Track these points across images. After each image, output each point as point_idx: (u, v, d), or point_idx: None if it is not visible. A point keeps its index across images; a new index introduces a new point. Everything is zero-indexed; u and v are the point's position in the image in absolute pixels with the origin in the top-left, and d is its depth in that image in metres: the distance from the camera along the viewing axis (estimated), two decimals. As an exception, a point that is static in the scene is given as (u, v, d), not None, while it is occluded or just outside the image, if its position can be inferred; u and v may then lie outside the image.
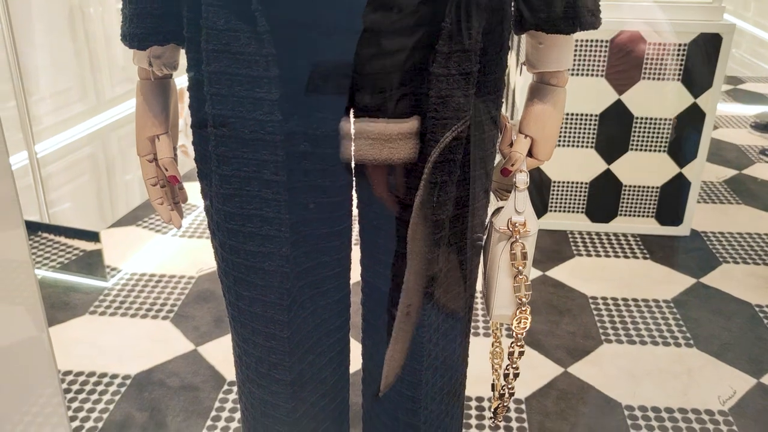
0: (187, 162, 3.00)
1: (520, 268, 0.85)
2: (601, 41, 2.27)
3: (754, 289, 2.19)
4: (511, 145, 0.85)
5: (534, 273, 2.28)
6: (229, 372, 1.78)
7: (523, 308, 0.86)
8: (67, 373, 1.76)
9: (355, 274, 0.89)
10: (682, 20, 2.26)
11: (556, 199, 2.52)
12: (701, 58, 2.28)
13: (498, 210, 0.87)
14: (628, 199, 2.50)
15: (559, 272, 2.28)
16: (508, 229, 0.84)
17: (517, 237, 0.84)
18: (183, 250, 2.40)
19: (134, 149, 0.86)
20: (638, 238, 2.51)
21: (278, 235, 0.73)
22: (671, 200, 2.49)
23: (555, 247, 2.44)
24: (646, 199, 2.49)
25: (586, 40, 2.26)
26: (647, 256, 2.40)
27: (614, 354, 1.88)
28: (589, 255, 2.40)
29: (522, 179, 0.84)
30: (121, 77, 2.63)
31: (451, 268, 0.82)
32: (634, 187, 2.48)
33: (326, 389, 0.90)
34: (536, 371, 1.81)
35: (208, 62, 0.68)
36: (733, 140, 3.53)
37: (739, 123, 3.81)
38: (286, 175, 0.71)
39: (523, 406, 1.68)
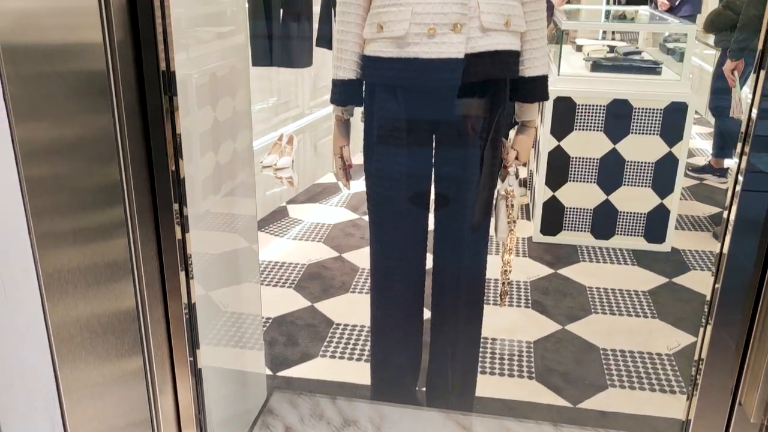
0: (292, 190, 4.00)
1: (510, 213, 1.74)
2: (600, 106, 3.16)
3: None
4: (507, 153, 1.76)
5: (547, 270, 3.13)
6: (335, 317, 2.69)
7: (511, 233, 1.75)
8: (230, 316, 2.70)
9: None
10: (659, 92, 3.14)
11: (568, 220, 3.38)
12: (673, 119, 3.14)
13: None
14: (622, 222, 3.35)
15: (567, 271, 3.13)
16: (505, 193, 1.75)
17: (509, 197, 1.74)
18: (296, 249, 3.35)
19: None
20: (630, 252, 3.34)
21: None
22: (656, 224, 3.32)
23: (565, 255, 3.30)
24: (636, 223, 3.33)
25: (588, 105, 3.16)
26: (635, 263, 3.23)
27: (599, 320, 2.71)
28: (590, 261, 3.24)
29: (512, 170, 1.74)
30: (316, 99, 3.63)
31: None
32: (627, 213, 3.33)
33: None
34: (543, 327, 2.65)
35: (376, 115, 1.62)
36: (723, 186, 4.33)
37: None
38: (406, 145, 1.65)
39: (532, 348, 2.52)
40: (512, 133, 1.83)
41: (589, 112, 3.17)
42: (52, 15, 1.25)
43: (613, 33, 5.61)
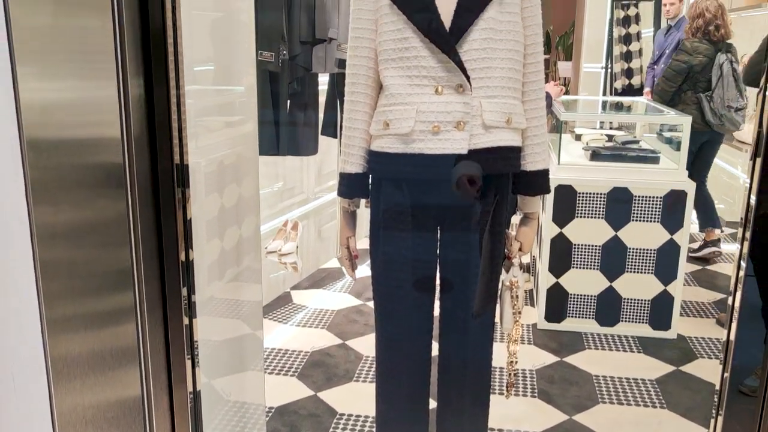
0: (296, 276, 4.00)
1: (515, 303, 1.75)
2: (600, 194, 3.22)
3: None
4: (511, 244, 1.78)
5: (552, 358, 3.10)
6: (339, 407, 2.63)
7: (517, 323, 1.75)
8: (232, 404, 2.65)
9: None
10: (658, 180, 3.20)
11: (572, 307, 3.37)
12: (673, 207, 3.19)
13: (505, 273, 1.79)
14: (627, 308, 3.34)
15: (573, 359, 3.10)
16: (509, 284, 1.76)
17: (513, 288, 1.75)
18: (300, 336, 3.32)
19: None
20: (636, 339, 3.31)
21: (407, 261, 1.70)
22: (660, 310, 3.31)
23: (570, 343, 3.27)
24: (640, 309, 3.32)
25: (589, 193, 3.22)
26: (641, 350, 3.20)
27: (607, 410, 2.66)
28: (596, 349, 3.21)
29: (516, 261, 1.76)
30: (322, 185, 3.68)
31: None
32: (631, 299, 3.32)
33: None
34: (550, 418, 2.60)
35: (383, 206, 1.66)
36: (726, 271, 4.34)
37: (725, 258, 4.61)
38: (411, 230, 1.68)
39: (539, 438, 2.47)
40: (515, 217, 1.87)
41: (589, 200, 3.22)
42: (74, 112, 1.31)
43: (611, 122, 5.77)
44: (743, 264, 1.38)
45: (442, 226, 1.74)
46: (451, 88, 1.57)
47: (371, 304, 1.89)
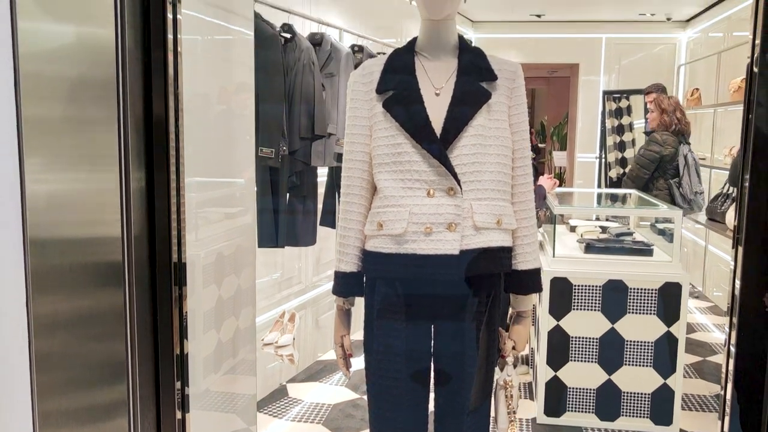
0: (292, 368, 3.96)
1: (510, 403, 1.74)
2: (596, 286, 3.24)
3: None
4: (504, 343, 1.80)
5: (553, 454, 3.02)
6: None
7: (512, 423, 1.74)
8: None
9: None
10: (652, 272, 3.23)
11: (572, 401, 3.33)
12: (669, 299, 3.20)
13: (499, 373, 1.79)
14: (627, 402, 3.29)
15: (573, 455, 3.03)
16: (504, 383, 1.76)
17: (507, 387, 1.75)
18: (294, 431, 3.26)
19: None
20: (637, 434, 3.25)
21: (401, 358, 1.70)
22: (661, 405, 3.26)
23: (571, 438, 3.20)
24: (641, 403, 3.27)
25: (584, 286, 3.24)
26: (643, 447, 3.13)
27: None
28: (597, 444, 3.14)
29: (510, 360, 1.77)
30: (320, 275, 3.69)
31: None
32: (631, 393, 3.28)
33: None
34: None
35: (377, 305, 1.68)
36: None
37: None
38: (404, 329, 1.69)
39: None
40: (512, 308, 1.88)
41: (585, 293, 3.24)
42: (77, 209, 1.35)
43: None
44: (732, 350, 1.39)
45: (435, 324, 1.76)
46: (443, 191, 1.63)
47: (367, 397, 1.88)
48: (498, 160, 1.67)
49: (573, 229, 4.16)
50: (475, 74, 1.68)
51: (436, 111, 1.65)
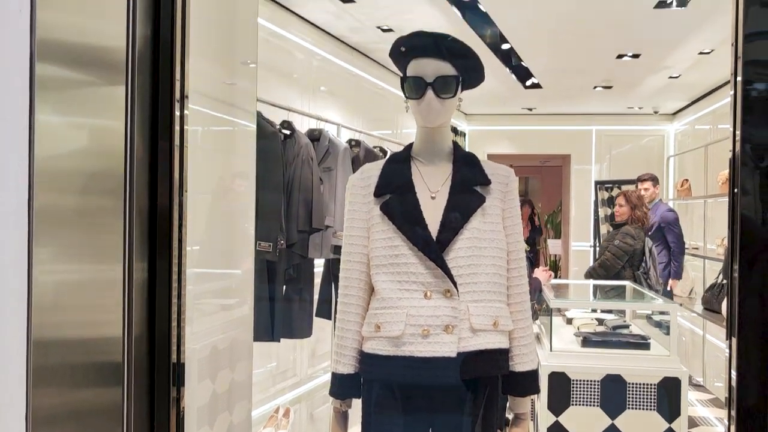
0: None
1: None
2: (594, 381, 3.20)
3: None
4: None
5: None
6: None
7: None
8: None
9: None
10: (650, 367, 3.21)
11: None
12: (668, 394, 3.16)
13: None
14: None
15: None
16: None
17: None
18: None
19: None
20: None
21: None
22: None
23: None
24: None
25: (583, 381, 3.20)
26: None
27: None
28: None
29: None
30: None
31: None
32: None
33: None
34: None
35: (374, 407, 1.67)
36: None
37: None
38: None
39: None
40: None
41: (584, 388, 3.20)
42: (80, 307, 1.37)
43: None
44: None
45: (433, 426, 1.74)
46: (440, 293, 1.65)
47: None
48: (493, 262, 1.70)
49: (569, 321, 4.15)
50: (469, 179, 1.74)
51: (433, 214, 1.69)
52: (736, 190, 1.44)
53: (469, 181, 1.74)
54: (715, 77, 6.02)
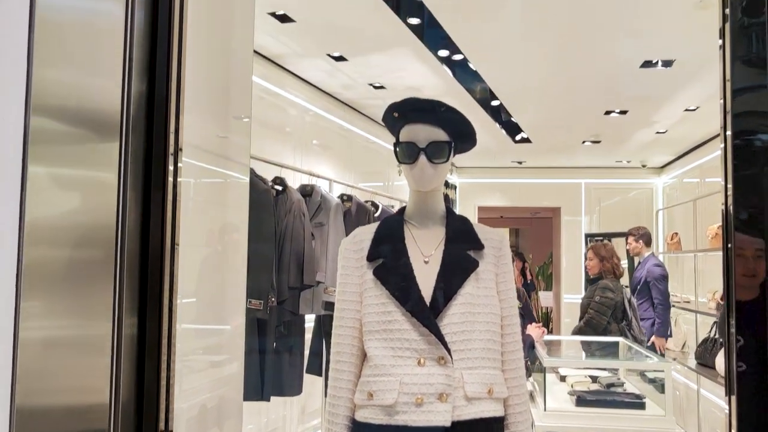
0: None
1: None
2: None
3: None
4: None
5: None
6: None
7: None
8: None
9: None
10: (646, 428, 3.16)
11: None
12: (664, 455, 3.11)
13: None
14: None
15: None
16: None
17: None
18: None
19: None
20: None
21: None
22: None
23: None
24: None
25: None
26: None
27: None
28: None
29: None
30: None
31: None
32: None
33: None
34: None
35: None
36: None
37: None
38: None
39: None
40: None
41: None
42: (65, 370, 1.34)
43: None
44: None
45: None
46: (433, 360, 1.62)
47: None
48: (487, 328, 1.68)
49: (563, 378, 4.10)
50: (462, 243, 1.73)
51: (426, 279, 1.67)
52: (729, 245, 1.44)
53: (462, 246, 1.73)
54: (701, 132, 6.14)
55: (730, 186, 1.42)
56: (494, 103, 5.28)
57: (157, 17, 1.58)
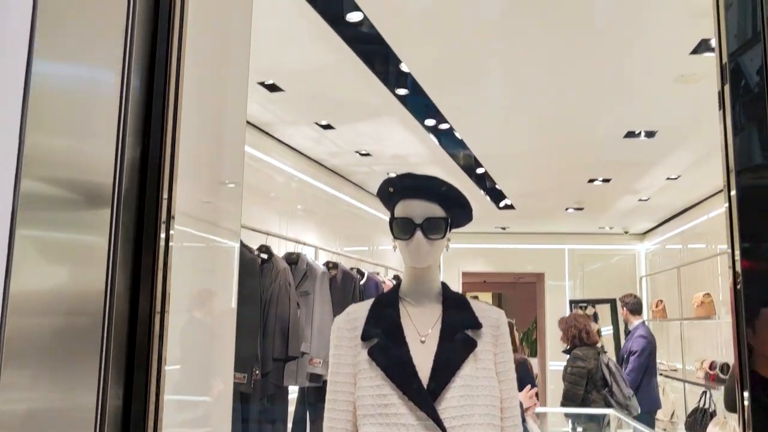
0: None
1: None
2: None
3: None
4: None
5: None
6: None
7: None
8: None
9: None
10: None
11: None
12: None
13: None
14: None
15: None
16: None
17: None
18: None
19: None
20: None
21: None
22: None
23: None
24: None
25: None
26: None
27: None
28: None
29: None
30: None
31: None
32: None
33: None
34: None
35: None
36: None
37: None
38: None
39: None
40: None
41: None
42: None
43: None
44: None
45: None
46: None
47: None
48: (487, 411, 1.61)
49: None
50: (459, 322, 1.67)
51: (422, 359, 1.61)
52: (739, 319, 1.40)
53: (459, 325, 1.67)
54: (683, 200, 6.21)
55: (737, 252, 1.39)
56: (479, 170, 5.33)
57: (152, 86, 1.58)
